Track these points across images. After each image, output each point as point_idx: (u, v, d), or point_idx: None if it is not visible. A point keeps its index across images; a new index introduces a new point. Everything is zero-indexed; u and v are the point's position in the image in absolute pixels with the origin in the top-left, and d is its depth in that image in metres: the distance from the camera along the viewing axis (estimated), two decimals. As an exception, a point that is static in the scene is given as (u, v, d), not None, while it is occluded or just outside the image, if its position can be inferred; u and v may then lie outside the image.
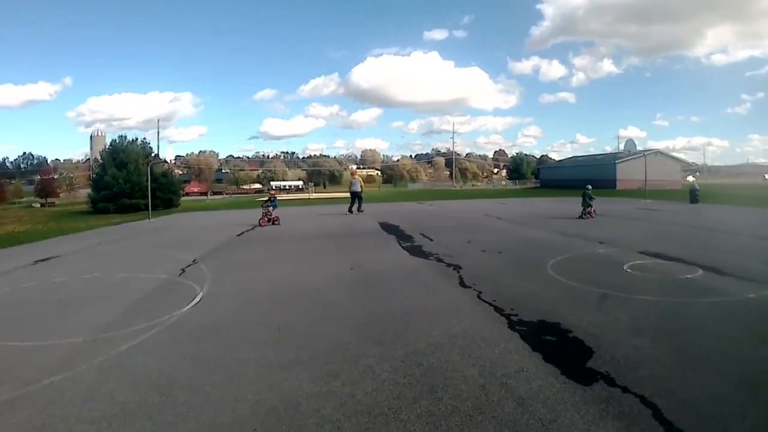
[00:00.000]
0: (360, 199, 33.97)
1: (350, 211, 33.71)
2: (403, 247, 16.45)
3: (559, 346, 6.47)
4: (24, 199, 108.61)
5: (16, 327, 8.66)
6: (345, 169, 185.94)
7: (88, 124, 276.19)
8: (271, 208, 27.40)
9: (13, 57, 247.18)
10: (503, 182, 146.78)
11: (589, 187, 27.01)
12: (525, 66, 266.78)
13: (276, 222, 26.94)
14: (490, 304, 8.54)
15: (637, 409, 4.67)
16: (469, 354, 6.21)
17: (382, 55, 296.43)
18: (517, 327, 7.24)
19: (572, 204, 32.90)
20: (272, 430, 4.58)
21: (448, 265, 12.50)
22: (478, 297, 9.14)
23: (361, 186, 34.75)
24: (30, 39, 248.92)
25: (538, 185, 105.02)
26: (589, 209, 25.99)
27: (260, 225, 26.46)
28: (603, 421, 4.48)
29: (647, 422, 4.45)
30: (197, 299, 10.06)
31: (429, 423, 4.50)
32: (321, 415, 4.80)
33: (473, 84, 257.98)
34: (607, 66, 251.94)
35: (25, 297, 10.80)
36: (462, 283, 10.39)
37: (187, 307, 9.49)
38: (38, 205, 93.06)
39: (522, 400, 4.88)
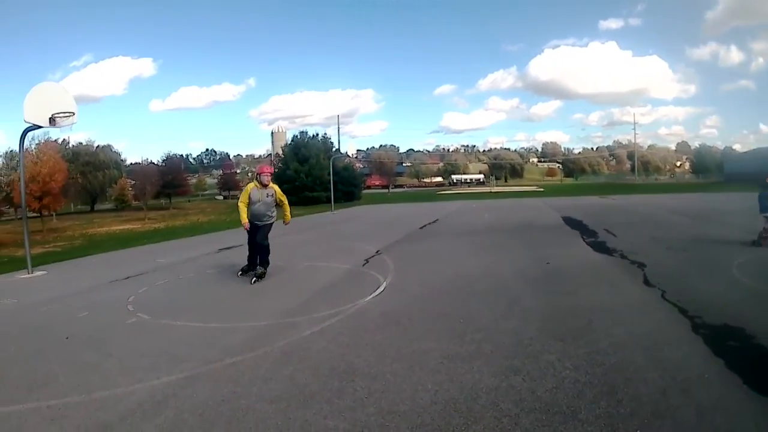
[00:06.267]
0: (265, 248, 12.49)
1: (252, 269, 12.43)
2: (587, 243, 16.26)
3: (742, 353, 6.16)
4: (207, 192, 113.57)
5: (201, 309, 9.21)
6: (526, 162, 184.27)
7: (270, 122, 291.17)
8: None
9: (200, 61, 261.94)
10: (686, 176, 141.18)
11: None
12: (702, 53, 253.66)
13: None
14: (675, 305, 8.26)
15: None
16: (652, 356, 6.04)
17: (559, 46, 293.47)
18: (700, 330, 6.96)
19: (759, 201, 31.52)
20: (449, 421, 4.62)
21: (633, 262, 12.22)
22: (662, 297, 8.86)
23: (278, 202, 12.81)
24: (216, 43, 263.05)
25: (723, 179, 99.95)
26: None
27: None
28: (784, 437, 4.24)
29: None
30: (380, 289, 10.36)
31: (607, 425, 4.42)
32: (499, 408, 4.80)
33: (652, 73, 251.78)
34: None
35: (210, 282, 11.32)
36: (646, 282, 10.12)
37: (370, 296, 9.77)
38: (221, 198, 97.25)
39: (701, 407, 4.70)
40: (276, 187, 12.68)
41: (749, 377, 5.36)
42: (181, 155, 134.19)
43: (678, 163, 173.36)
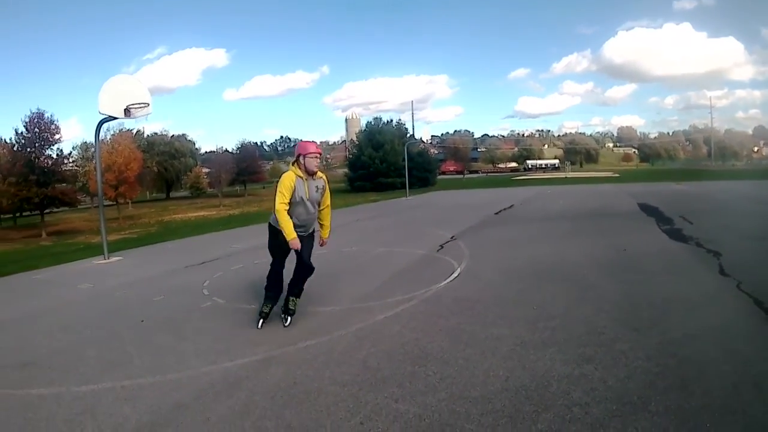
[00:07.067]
0: (310, 269, 8.05)
1: (273, 303, 7.99)
2: (662, 230, 16.03)
3: None
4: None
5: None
6: (602, 147, 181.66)
7: (344, 109, 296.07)
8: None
9: (273, 50, 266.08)
10: (763, 162, 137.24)
11: None
12: None
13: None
14: (750, 296, 8.10)
15: None
16: (725, 348, 5.98)
17: (633, 28, 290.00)
18: (776, 323, 6.83)
19: None
20: (520, 408, 4.68)
21: (708, 251, 12.00)
22: (738, 287, 8.70)
23: (323, 200, 8.04)
24: (289, 32, 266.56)
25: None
26: None
27: None
28: None
29: None
30: (455, 275, 10.43)
31: (677, 417, 4.41)
32: (570, 397, 4.84)
33: (728, 55, 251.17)
34: None
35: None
36: (722, 271, 9.96)
37: (445, 282, 9.86)
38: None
39: None
40: (325, 177, 8.06)
41: (825, 373, 5.24)
42: (256, 143, 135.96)
43: (755, 149, 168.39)
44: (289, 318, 7.75)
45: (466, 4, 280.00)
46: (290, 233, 7.26)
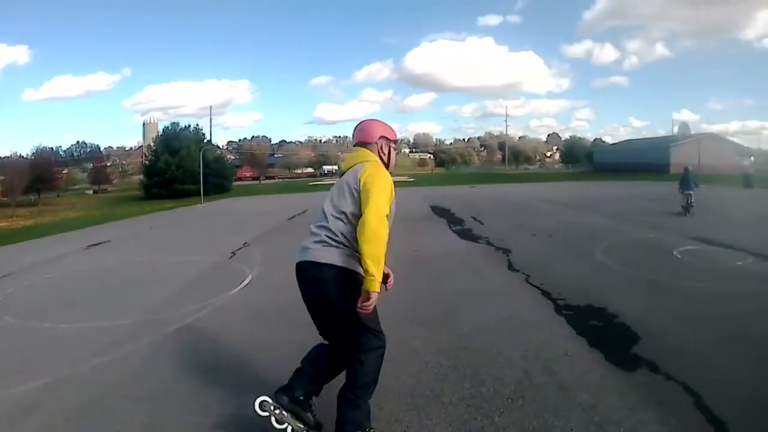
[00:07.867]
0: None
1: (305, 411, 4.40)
2: (453, 231, 16.53)
3: (604, 332, 6.39)
4: (77, 187, 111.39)
5: (67, 310, 8.95)
6: (398, 152, 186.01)
7: (144, 113, 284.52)
8: None
9: (76, 49, 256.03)
10: (556, 166, 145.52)
11: (690, 168, 20.74)
12: (578, 50, 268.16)
13: None
14: (538, 288, 8.49)
15: (679, 397, 4.56)
16: (515, 338, 6.18)
17: (436, 40, 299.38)
18: (563, 311, 7.18)
19: (625, 188, 32.69)
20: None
21: (498, 248, 12.47)
22: (527, 281, 9.09)
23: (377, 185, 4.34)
24: (92, 29, 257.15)
25: (591, 169, 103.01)
26: (689, 195, 18.82)
27: None
28: (644, 407, 4.38)
29: (688, 410, 4.34)
30: (246, 281, 10.31)
31: (470, 405, 4.48)
32: (362, 395, 4.77)
33: (527, 68, 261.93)
34: (660, 50, 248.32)
35: (76, 281, 11.01)
36: (511, 267, 10.37)
37: (237, 289, 9.72)
38: (91, 192, 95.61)
39: (564, 384, 4.82)
40: None
41: (612, 353, 5.56)
42: (52, 148, 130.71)
43: (548, 154, 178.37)
44: None
45: (272, 9, 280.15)
46: (380, 272, 4.12)
